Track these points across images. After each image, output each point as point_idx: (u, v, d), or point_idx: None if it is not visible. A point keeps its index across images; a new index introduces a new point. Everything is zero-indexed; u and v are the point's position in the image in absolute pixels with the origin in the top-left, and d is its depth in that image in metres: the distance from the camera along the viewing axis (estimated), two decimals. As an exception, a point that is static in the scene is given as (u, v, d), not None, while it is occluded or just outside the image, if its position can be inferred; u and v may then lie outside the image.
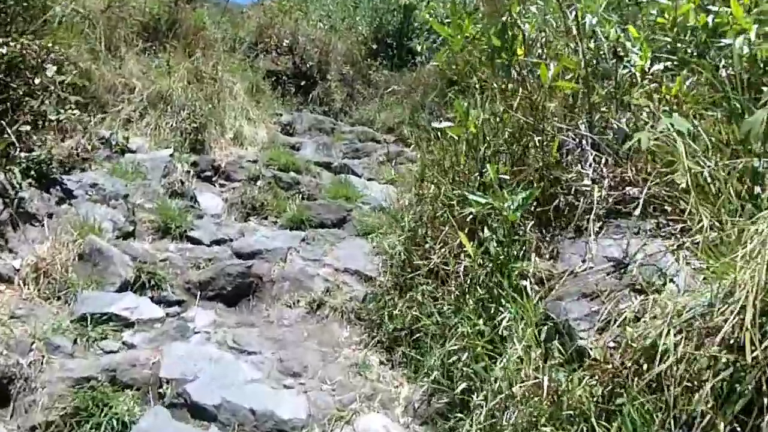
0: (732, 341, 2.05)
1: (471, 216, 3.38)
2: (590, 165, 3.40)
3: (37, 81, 5.27)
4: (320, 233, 5.38)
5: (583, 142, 3.50)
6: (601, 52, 4.15)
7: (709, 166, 2.80)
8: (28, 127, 4.98)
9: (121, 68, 8.10)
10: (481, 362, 2.87)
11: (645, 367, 2.25)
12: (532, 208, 3.42)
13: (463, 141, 3.94)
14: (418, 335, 3.55)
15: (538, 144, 3.58)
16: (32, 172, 4.75)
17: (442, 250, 3.56)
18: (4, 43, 5.20)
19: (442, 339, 3.31)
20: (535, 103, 3.73)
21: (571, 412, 2.38)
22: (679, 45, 3.92)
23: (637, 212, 3.08)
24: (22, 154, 4.79)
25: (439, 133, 4.65)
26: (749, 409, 1.96)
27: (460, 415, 2.90)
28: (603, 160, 3.46)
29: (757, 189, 2.70)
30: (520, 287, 3.00)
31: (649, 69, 3.80)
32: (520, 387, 2.54)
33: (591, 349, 2.50)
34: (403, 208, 4.73)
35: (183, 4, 8.87)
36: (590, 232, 3.15)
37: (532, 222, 3.35)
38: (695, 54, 3.89)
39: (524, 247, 3.27)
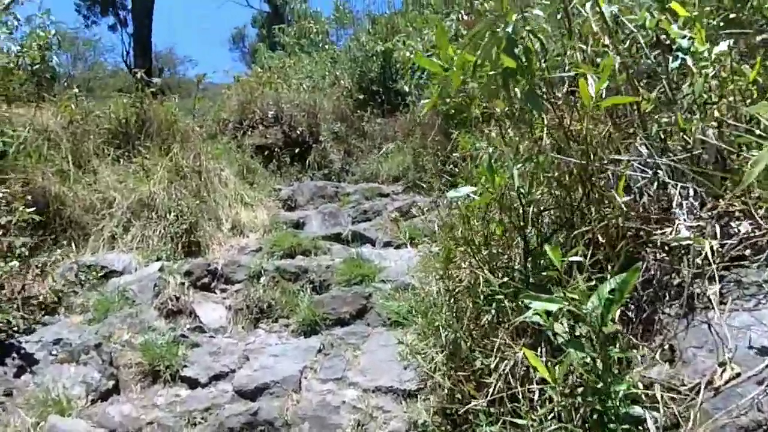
0: None
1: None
2: (679, 204, 2.29)
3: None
4: (339, 336, 4.29)
5: (659, 172, 2.40)
6: (637, 46, 3.08)
7: None
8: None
9: (96, 182, 7.15)
10: None
11: None
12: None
13: (491, 203, 2.85)
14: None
15: (596, 187, 2.48)
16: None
17: (501, 367, 2.43)
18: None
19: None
20: (573, 132, 2.64)
21: None
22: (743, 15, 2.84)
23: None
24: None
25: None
26: None
27: None
28: (691, 193, 2.35)
29: None
30: (636, 418, 1.88)
31: (710, 53, 2.71)
32: None
33: None
34: (431, 305, 3.62)
35: (149, 101, 7.94)
36: (711, 305, 2.03)
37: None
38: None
39: (617, 342, 2.15)
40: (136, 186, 7.12)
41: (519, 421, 2.17)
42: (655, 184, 2.38)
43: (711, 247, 2.08)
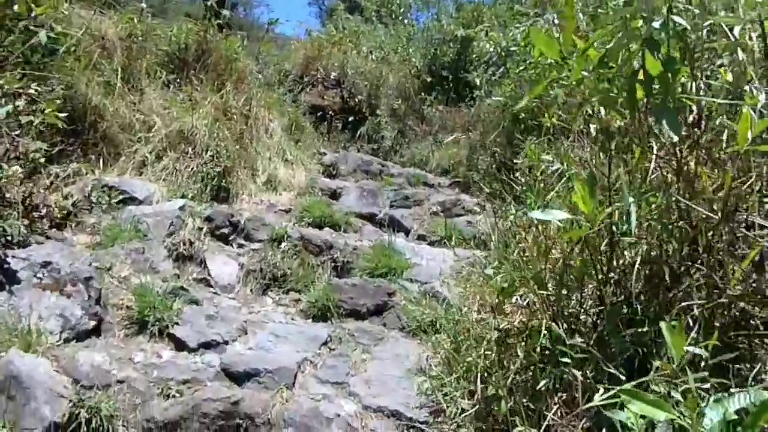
0: None
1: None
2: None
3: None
4: (350, 331, 3.78)
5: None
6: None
7: None
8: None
9: (140, 103, 6.71)
10: None
11: None
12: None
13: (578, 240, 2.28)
14: None
15: (714, 251, 1.90)
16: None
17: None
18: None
19: None
20: (694, 174, 2.06)
21: None
22: None
23: None
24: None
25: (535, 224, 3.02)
26: None
27: None
28: None
29: None
30: None
31: None
32: None
33: None
34: (465, 334, 3.07)
35: (214, 32, 7.45)
36: None
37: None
38: None
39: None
40: (179, 116, 6.66)
41: None
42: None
43: None
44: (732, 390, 1.43)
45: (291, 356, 3.35)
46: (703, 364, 1.65)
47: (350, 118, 10.39)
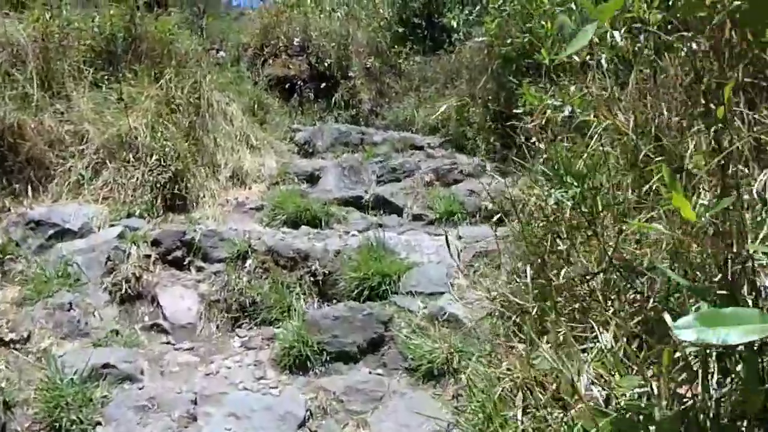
0: None
1: None
2: None
3: None
4: (337, 394, 2.71)
5: None
6: None
7: None
8: None
9: (68, 112, 5.52)
10: None
11: None
12: None
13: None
14: None
15: None
16: None
17: None
18: None
19: None
20: None
21: None
22: None
23: None
24: None
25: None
26: None
27: None
28: None
29: None
30: None
31: None
32: None
33: None
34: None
35: (143, 13, 6.19)
36: None
37: None
38: None
39: None
40: (115, 119, 5.49)
41: None
42: None
43: None
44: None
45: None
46: None
47: (322, 85, 9.17)
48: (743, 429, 1.31)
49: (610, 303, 2.08)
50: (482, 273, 3.72)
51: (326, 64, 9.30)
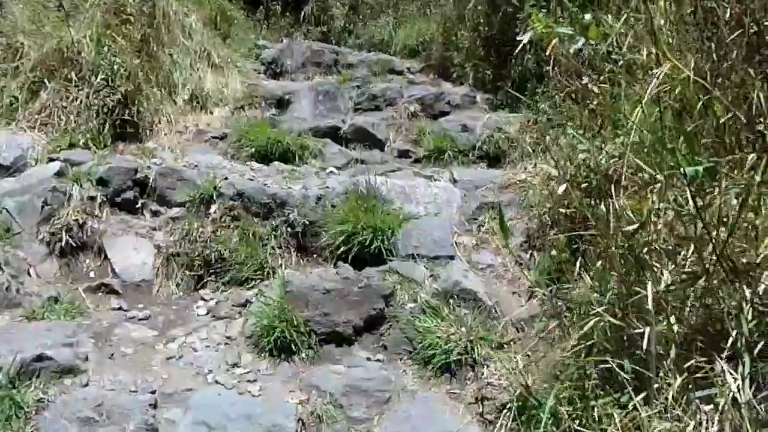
0: None
1: None
2: None
3: None
4: (333, 394, 2.16)
5: None
6: None
7: None
8: None
9: (-1, 21, 4.63)
10: None
11: None
12: None
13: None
14: None
15: None
16: None
17: None
18: None
19: None
20: None
21: None
22: None
23: None
24: None
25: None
26: None
27: None
28: None
29: None
30: None
31: None
32: None
33: None
34: None
35: None
36: None
37: None
38: None
39: None
40: (54, 30, 4.60)
41: None
42: None
43: None
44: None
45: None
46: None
47: (290, -2, 8.23)
48: None
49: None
50: (489, 228, 3.16)
51: (295, -27, 8.33)
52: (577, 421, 1.65)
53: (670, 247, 1.74)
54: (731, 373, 1.41)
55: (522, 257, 2.79)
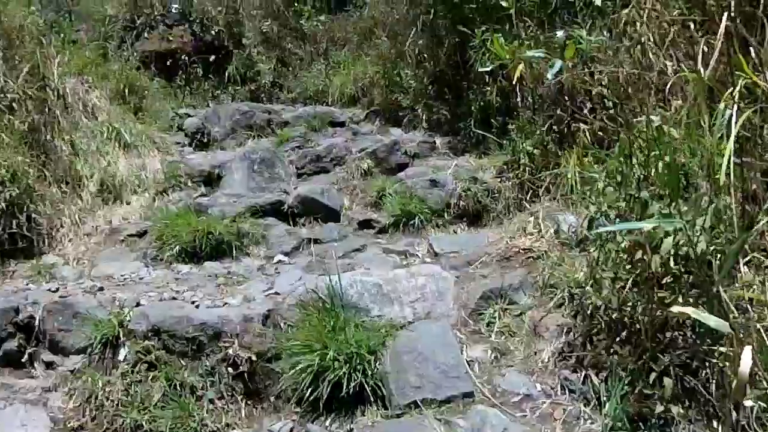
0: None
1: None
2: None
3: None
4: None
5: None
6: None
7: None
8: None
9: None
10: None
11: None
12: None
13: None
14: None
15: None
16: None
17: None
18: None
19: None
20: None
21: None
22: None
23: None
24: None
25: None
26: None
27: None
28: None
29: None
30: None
31: None
32: None
33: None
34: None
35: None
36: None
37: None
38: None
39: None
40: None
41: None
42: None
43: None
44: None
45: None
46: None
47: (211, 58, 7.32)
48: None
49: None
50: (505, 328, 2.25)
51: (214, 32, 7.47)
52: None
53: None
54: None
55: (570, 381, 1.88)
